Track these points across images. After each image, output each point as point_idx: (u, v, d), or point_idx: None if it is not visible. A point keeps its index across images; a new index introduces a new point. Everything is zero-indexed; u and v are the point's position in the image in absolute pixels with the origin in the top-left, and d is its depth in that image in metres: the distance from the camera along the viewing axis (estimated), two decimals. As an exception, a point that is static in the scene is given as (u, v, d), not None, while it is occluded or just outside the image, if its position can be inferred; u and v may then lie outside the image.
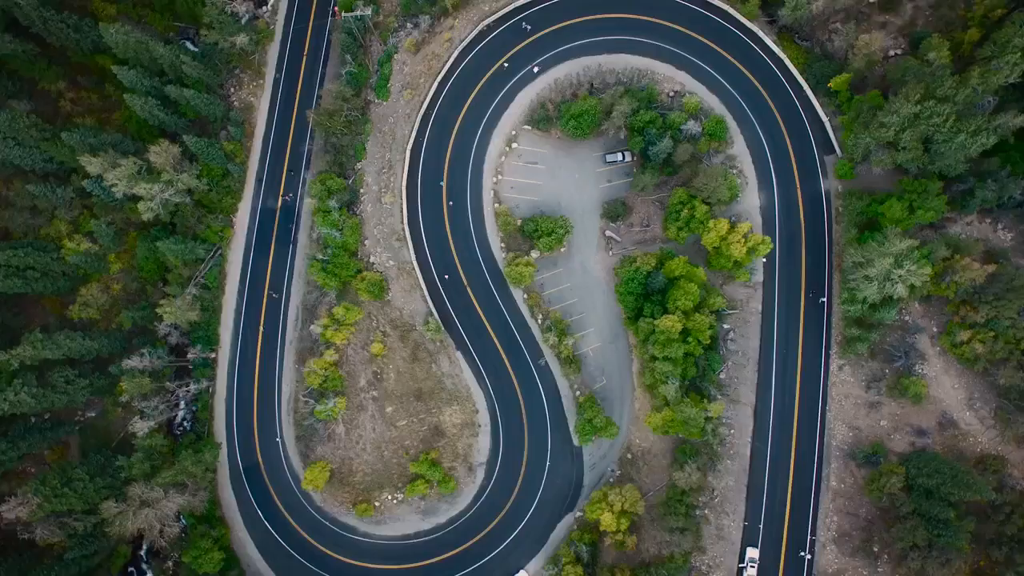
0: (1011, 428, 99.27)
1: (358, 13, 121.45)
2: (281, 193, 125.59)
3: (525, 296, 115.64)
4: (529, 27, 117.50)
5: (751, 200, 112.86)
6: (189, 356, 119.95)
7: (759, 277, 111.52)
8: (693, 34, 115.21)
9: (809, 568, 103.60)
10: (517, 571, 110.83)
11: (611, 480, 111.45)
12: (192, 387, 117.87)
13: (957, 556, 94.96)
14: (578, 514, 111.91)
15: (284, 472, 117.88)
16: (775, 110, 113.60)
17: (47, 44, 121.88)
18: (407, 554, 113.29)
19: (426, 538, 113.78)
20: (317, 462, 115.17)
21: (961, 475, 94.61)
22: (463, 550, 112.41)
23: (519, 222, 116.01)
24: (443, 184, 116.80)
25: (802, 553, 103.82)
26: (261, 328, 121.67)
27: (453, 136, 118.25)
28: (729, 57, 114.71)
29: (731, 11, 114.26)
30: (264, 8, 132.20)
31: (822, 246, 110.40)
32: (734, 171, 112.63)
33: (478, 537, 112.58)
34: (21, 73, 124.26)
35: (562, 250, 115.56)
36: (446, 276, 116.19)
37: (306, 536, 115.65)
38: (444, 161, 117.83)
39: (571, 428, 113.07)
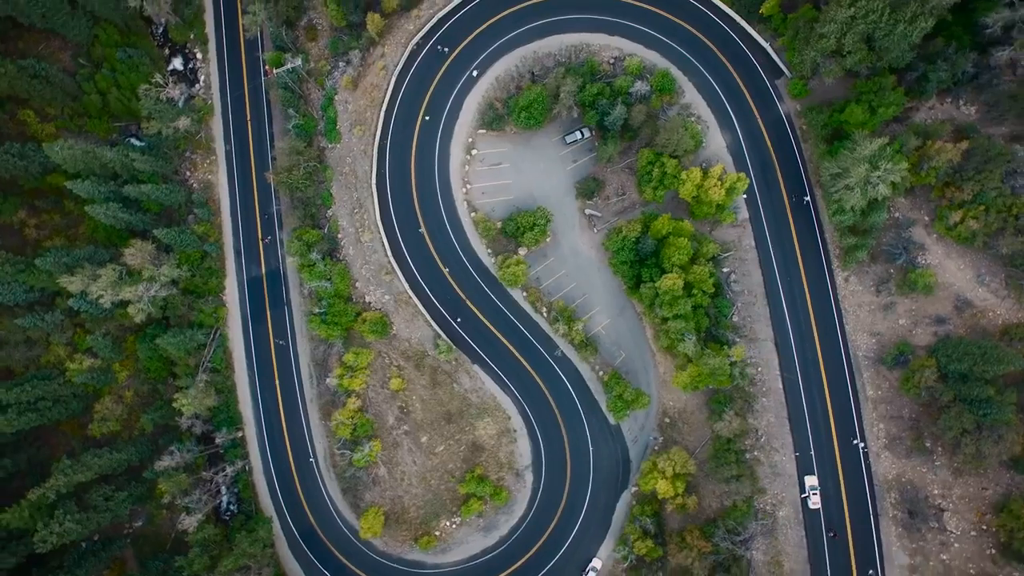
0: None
1: (289, 66, 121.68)
2: (260, 238, 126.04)
3: (524, 294, 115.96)
4: (446, 49, 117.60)
5: (716, 142, 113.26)
6: (217, 441, 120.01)
7: (744, 214, 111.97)
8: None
9: (868, 468, 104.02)
10: (589, 561, 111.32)
11: (656, 448, 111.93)
12: (228, 470, 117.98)
13: (1007, 430, 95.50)
14: (633, 489, 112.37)
15: (340, 528, 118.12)
16: (715, 49, 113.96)
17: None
18: (480, 574, 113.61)
19: (494, 553, 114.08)
20: (369, 509, 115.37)
21: (990, 351, 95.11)
22: (532, 555, 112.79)
23: (499, 224, 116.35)
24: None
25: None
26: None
27: (413, 158, 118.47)
28: (656, 10, 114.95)
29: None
30: (197, 85, 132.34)
31: (796, 167, 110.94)
32: (692, 119, 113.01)
33: (543, 538, 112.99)
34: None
35: (548, 240, 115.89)
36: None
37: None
38: (411, 185, 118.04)
39: (604, 409, 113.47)
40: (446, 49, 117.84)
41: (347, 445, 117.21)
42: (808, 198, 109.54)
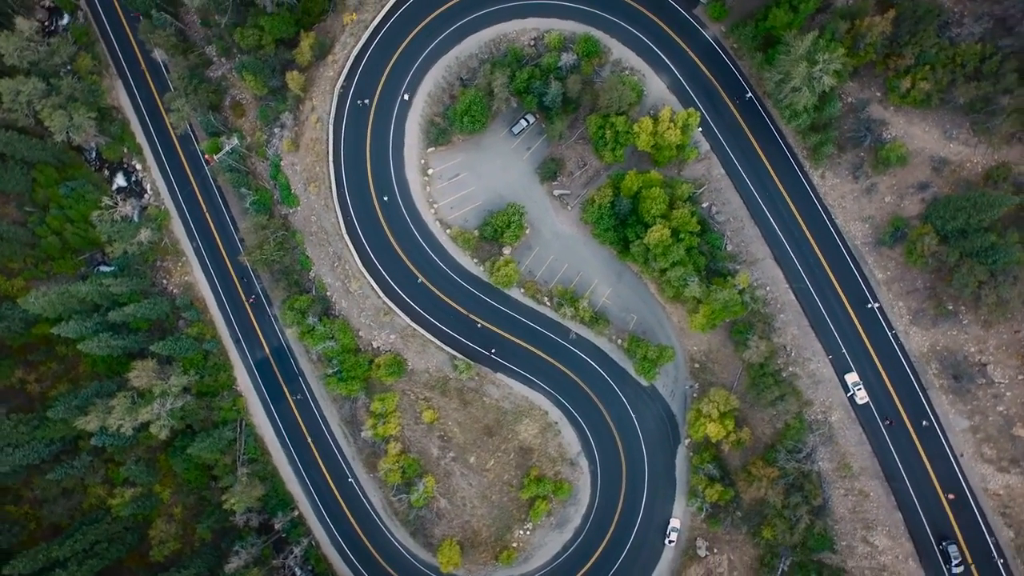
0: (994, 134, 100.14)
1: (227, 148, 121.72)
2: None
3: (522, 290, 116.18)
4: (366, 102, 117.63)
5: (657, 87, 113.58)
6: (277, 526, 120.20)
7: (705, 145, 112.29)
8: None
9: (902, 347, 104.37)
10: (668, 523, 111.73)
11: (694, 396, 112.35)
12: (296, 551, 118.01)
13: (1020, 268, 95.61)
14: (686, 441, 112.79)
15: (421, 570, 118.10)
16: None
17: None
18: (567, 569, 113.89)
19: (574, 545, 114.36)
20: (442, 543, 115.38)
21: (979, 200, 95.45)
22: (611, 535, 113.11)
23: (476, 233, 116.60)
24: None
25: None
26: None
27: (374, 197, 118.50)
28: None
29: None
30: (146, 195, 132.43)
31: (739, 86, 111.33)
32: (627, 72, 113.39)
33: (617, 516, 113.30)
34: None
35: (527, 232, 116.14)
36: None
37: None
38: (381, 223, 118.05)
39: (633, 374, 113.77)
40: (367, 101, 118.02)
41: (401, 489, 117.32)
42: (749, 94, 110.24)
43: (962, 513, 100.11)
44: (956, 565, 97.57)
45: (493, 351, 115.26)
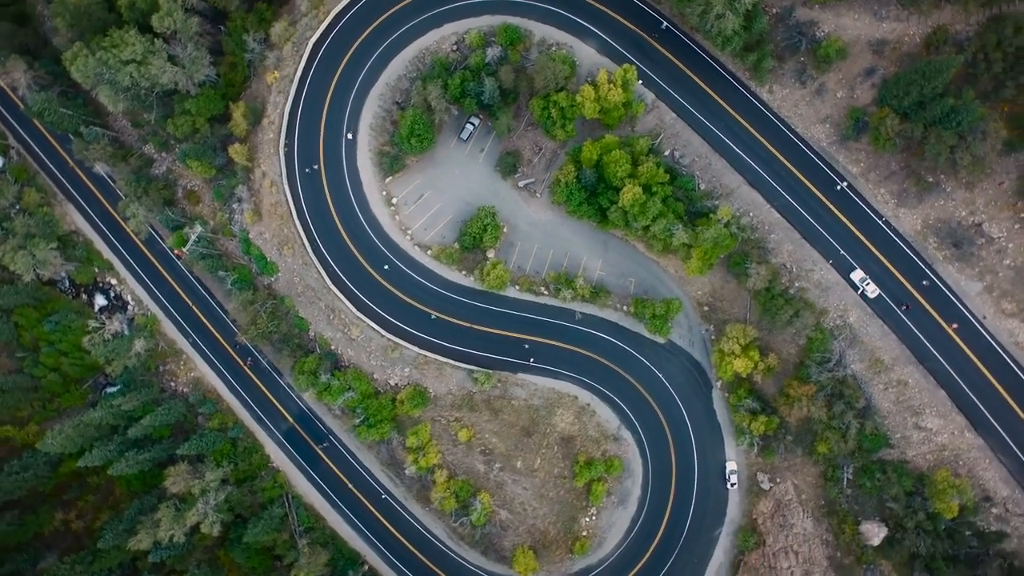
0: (921, 1, 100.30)
1: (194, 238, 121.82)
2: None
3: (517, 287, 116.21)
4: (316, 167, 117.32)
5: (587, 53, 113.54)
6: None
7: (650, 96, 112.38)
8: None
9: (896, 232, 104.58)
10: (724, 467, 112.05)
11: (713, 338, 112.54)
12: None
13: (984, 122, 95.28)
14: (718, 384, 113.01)
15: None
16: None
17: (18, 503, 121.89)
18: (642, 541, 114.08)
19: (642, 516, 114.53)
20: (515, 553, 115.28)
21: (926, 69, 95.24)
22: (674, 495, 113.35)
23: (456, 246, 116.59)
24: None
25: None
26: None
27: (348, 241, 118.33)
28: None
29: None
30: (129, 307, 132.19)
31: (659, 23, 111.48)
32: (554, 48, 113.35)
33: (674, 476, 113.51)
34: (21, 538, 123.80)
35: (505, 230, 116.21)
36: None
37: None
38: (363, 265, 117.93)
39: (648, 335, 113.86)
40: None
41: (460, 513, 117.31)
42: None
43: (1000, 373, 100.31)
44: None
45: (532, 360, 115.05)
